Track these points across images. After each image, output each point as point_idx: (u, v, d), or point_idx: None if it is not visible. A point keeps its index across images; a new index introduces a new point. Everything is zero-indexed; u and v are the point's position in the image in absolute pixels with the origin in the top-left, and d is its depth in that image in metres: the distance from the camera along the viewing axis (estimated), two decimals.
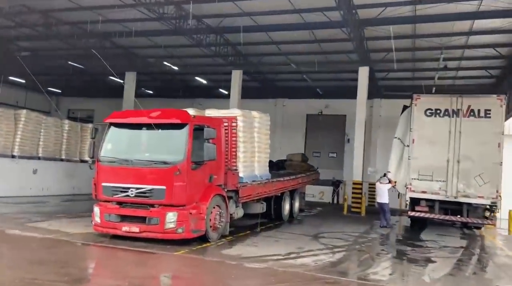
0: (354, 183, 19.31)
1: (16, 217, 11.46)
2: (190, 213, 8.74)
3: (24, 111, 17.94)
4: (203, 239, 8.98)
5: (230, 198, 10.23)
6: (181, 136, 8.86)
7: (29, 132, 18.06)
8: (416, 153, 13.66)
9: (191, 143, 8.85)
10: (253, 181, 11.46)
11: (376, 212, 18.84)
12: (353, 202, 19.12)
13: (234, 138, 10.53)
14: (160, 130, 8.92)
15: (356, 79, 23.41)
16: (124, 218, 8.95)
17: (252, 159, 11.57)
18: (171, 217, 8.58)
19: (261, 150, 12.22)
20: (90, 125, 21.83)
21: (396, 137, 14.93)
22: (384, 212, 14.79)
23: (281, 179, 13.63)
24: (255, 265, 7.38)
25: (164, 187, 8.63)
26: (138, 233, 8.70)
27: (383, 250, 10.25)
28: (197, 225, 8.96)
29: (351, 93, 25.38)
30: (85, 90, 31.44)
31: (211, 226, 9.31)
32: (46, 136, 18.88)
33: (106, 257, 7.73)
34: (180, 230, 8.58)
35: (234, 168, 10.51)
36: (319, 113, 27.07)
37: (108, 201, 9.14)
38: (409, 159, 13.73)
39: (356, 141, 19.51)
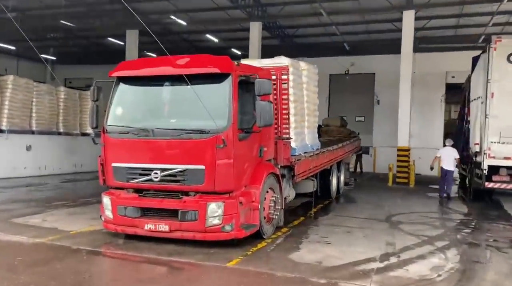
0: (399, 150, 16.65)
1: (1, 208, 8.90)
2: (240, 203, 6.14)
3: (11, 77, 15.13)
4: (255, 234, 6.42)
5: (282, 176, 7.62)
6: (223, 92, 6.14)
7: (19, 102, 15.33)
8: (496, 110, 10.85)
9: (237, 102, 6.15)
10: (305, 152, 8.82)
11: (422, 181, 16.39)
12: (398, 172, 16.55)
13: (285, 96, 7.80)
14: (190, 85, 6.17)
15: (390, 31, 20.57)
16: (146, 212, 6.38)
17: (302, 124, 8.88)
18: (214, 209, 5.98)
19: (310, 112, 9.53)
20: (88, 92, 19.06)
21: (474, 99, 12.02)
22: (449, 181, 12.33)
23: (331, 148, 10.98)
24: (358, 284, 4.80)
25: (202, 167, 5.98)
26: (167, 232, 6.13)
27: (490, 236, 7.70)
28: (249, 218, 6.38)
29: (381, 48, 22.52)
30: (83, 56, 28.36)
31: (264, 217, 6.74)
32: (39, 106, 16.15)
33: (126, 278, 5.12)
34: (227, 228, 5.99)
35: (286, 136, 7.84)
36: (346, 72, 24.09)
37: (123, 188, 6.54)
38: (486, 117, 10.96)
39: (402, 100, 16.67)
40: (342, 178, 12.85)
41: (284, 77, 7.75)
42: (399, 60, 16.88)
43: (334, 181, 11.67)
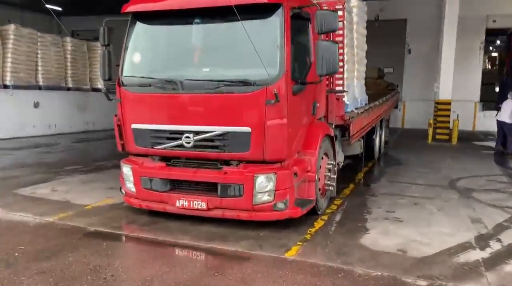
0: (440, 103, 15.06)
1: (6, 175, 7.78)
2: (295, 174, 4.85)
3: (12, 26, 13.65)
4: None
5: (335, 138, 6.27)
6: (272, 31, 4.67)
7: (23, 54, 13.95)
8: None
9: (290, 43, 4.70)
10: (356, 108, 7.43)
11: (463, 138, 14.93)
12: (437, 128, 15.06)
13: (339, 38, 6.29)
14: (230, 21, 4.71)
15: None
16: (177, 185, 5.14)
17: (352, 74, 7.43)
18: (264, 183, 4.69)
19: (359, 59, 8.04)
20: (98, 43, 17.53)
21: None
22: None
23: (377, 103, 9.55)
24: None
25: (247, 129, 4.64)
26: (204, 210, 4.92)
27: None
28: (303, 192, 5.11)
29: None
30: (91, 6, 26.46)
31: (319, 189, 5.47)
32: (45, 59, 14.77)
33: (159, 279, 3.89)
34: (280, 205, 4.74)
35: (340, 89, 6.41)
36: (375, 18, 21.97)
37: (147, 155, 5.28)
38: None
39: (446, 47, 14.87)
40: (383, 136, 11.48)
41: (339, 13, 6.20)
42: (434, 3, 14.95)
43: (377, 140, 10.31)
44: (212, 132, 4.76)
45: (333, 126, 6.11)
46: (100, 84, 17.19)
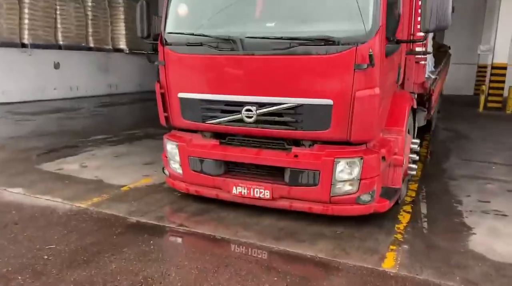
0: (494, 67, 13.66)
1: (27, 146, 6.99)
2: (383, 158, 3.88)
3: None
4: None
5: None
6: None
7: (40, 10, 12.95)
8: None
9: None
10: (431, 72, 6.32)
11: None
12: (490, 95, 13.74)
13: None
14: None
15: None
16: (233, 168, 4.24)
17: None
18: (346, 169, 3.75)
19: None
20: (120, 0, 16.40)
21: None
22: None
23: (441, 66, 8.36)
24: None
25: (327, 102, 3.63)
26: (268, 200, 4.03)
27: None
28: (388, 179, 4.17)
29: None
30: None
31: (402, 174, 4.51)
32: (64, 16, 13.76)
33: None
34: (366, 198, 3.79)
35: (421, 50, 5.29)
36: None
37: (196, 131, 4.35)
38: None
39: (504, 2, 13.27)
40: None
41: None
42: None
43: (435, 109, 9.20)
44: (281, 105, 3.77)
45: (415, 95, 5.06)
46: (122, 44, 16.19)
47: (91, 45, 15.02)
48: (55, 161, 5.98)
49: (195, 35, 4.03)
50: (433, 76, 6.10)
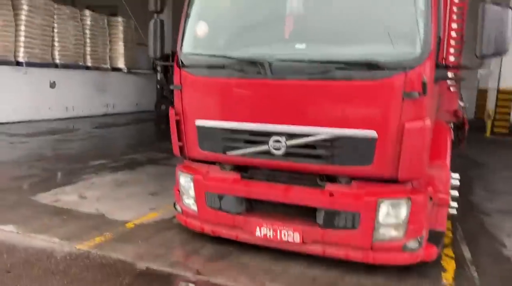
0: (502, 92, 13.40)
1: (20, 173, 6.42)
2: (430, 198, 3.41)
3: None
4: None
5: None
6: None
7: (38, 27, 12.52)
8: None
9: (437, 6, 3.20)
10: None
11: None
12: (496, 119, 13.45)
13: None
14: None
15: None
16: (256, 206, 3.75)
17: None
18: (392, 212, 3.28)
19: None
20: (119, 18, 16.09)
21: None
22: None
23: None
24: None
25: (372, 134, 3.17)
26: (298, 244, 3.52)
27: None
28: (433, 221, 3.69)
29: None
30: None
31: None
32: (62, 33, 13.33)
33: None
34: (413, 245, 3.30)
35: (454, 74, 4.91)
36: None
37: (214, 162, 3.87)
38: None
39: None
40: None
41: None
42: None
43: None
44: (316, 136, 3.32)
45: (452, 125, 4.65)
46: (121, 63, 15.79)
47: (89, 64, 14.57)
48: (51, 191, 5.44)
49: (217, 56, 3.61)
50: (461, 104, 5.72)
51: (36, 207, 4.82)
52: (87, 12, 14.54)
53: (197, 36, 3.85)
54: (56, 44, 13.18)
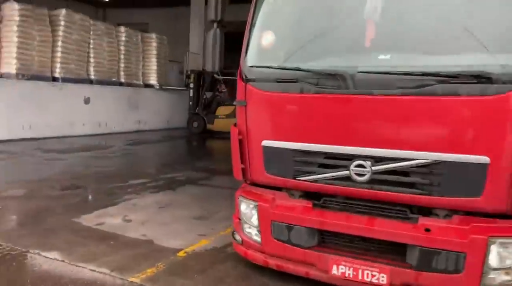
0: None
1: (58, 192, 6.12)
2: None
3: (63, 11, 12.24)
4: None
5: None
6: None
7: (74, 43, 12.53)
8: None
9: None
10: None
11: None
12: None
13: None
14: None
15: None
16: (330, 239, 3.27)
17: None
18: (503, 251, 2.75)
19: None
20: (153, 35, 16.08)
21: None
22: None
23: None
24: None
25: (483, 159, 2.67)
26: None
27: None
28: None
29: None
30: None
31: None
32: (97, 49, 13.33)
33: None
34: None
35: None
36: None
37: (279, 188, 3.43)
38: None
39: None
40: None
41: None
42: None
43: None
44: (409, 161, 2.84)
45: None
46: (153, 80, 15.71)
47: (122, 80, 14.53)
48: (93, 213, 5.09)
49: (289, 69, 3.19)
50: None
51: (80, 231, 4.46)
52: (122, 28, 14.58)
53: (264, 47, 3.46)
54: (91, 60, 13.18)
